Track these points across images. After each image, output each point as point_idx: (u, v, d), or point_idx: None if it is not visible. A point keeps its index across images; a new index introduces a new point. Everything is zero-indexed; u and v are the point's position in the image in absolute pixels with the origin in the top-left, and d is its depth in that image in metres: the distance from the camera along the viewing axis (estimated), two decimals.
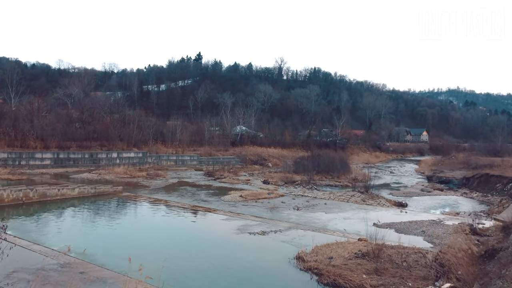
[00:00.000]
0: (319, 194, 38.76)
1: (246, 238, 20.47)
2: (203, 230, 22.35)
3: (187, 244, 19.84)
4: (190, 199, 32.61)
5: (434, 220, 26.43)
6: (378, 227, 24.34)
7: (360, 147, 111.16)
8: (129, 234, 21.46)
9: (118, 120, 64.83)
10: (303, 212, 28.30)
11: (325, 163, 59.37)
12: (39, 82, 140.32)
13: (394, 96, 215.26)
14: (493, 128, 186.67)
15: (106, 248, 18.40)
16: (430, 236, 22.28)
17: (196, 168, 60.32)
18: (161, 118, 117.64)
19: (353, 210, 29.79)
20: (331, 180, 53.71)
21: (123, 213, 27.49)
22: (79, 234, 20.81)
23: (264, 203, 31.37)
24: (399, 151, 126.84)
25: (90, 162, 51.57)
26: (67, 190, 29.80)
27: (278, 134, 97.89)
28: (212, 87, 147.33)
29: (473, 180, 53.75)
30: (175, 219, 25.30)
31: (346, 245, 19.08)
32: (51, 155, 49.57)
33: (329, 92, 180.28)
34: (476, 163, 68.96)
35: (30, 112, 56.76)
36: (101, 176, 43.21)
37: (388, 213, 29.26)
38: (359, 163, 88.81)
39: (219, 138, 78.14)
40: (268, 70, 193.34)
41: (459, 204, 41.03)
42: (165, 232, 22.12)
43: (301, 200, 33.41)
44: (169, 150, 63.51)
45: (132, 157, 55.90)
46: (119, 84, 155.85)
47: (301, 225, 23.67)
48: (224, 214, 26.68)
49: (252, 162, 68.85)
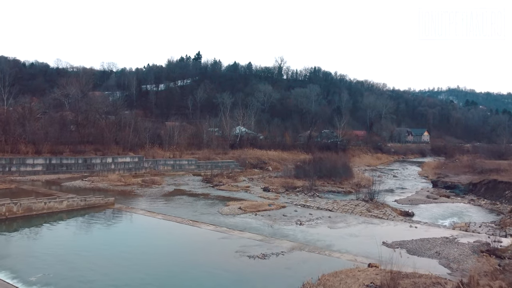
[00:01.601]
0: (322, 204, 36.93)
1: (245, 263, 18.63)
2: (198, 252, 20.42)
3: (179, 272, 17.94)
4: (186, 211, 30.73)
5: (447, 238, 24.60)
6: (388, 246, 22.57)
7: (361, 148, 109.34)
8: (113, 261, 19.08)
9: (114, 123, 62.85)
10: (306, 227, 26.46)
11: (327, 168, 57.55)
12: (36, 82, 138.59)
13: (395, 96, 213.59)
14: (494, 128, 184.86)
15: (81, 280, 16.41)
16: (446, 258, 20.45)
17: (194, 173, 58.47)
18: (160, 118, 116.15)
19: (360, 225, 27.96)
20: (334, 186, 51.93)
21: (111, 231, 25.20)
22: (54, 261, 18.62)
23: (264, 216, 29.54)
24: (401, 152, 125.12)
25: (83, 168, 49.65)
26: (55, 203, 27.94)
27: (278, 136, 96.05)
28: (211, 87, 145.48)
29: (480, 186, 51.94)
30: (168, 238, 23.38)
31: (356, 273, 17.25)
32: (43, 161, 47.61)
33: (329, 91, 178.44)
34: (482, 167, 67.18)
35: (22, 115, 54.77)
36: (94, 184, 41.32)
37: (396, 228, 27.43)
38: (361, 165, 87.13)
39: (218, 141, 76.25)
40: (268, 69, 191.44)
41: (468, 212, 39.29)
42: (154, 256, 19.86)
43: (304, 212, 31.56)
44: (166, 154, 61.63)
45: (127, 162, 53.97)
46: (117, 84, 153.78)
47: (305, 245, 21.84)
48: (222, 230, 24.83)
49: (251, 165, 67.01)
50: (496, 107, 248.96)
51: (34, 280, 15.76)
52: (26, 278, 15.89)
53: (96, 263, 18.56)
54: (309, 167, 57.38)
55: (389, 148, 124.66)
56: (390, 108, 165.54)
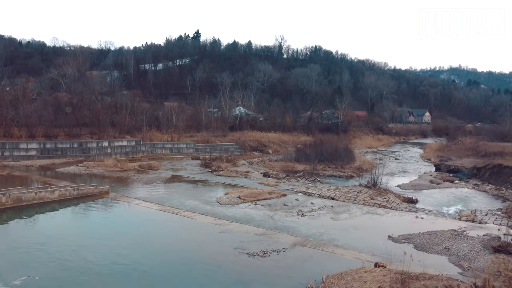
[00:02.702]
0: (324, 191, 35.87)
1: (245, 262, 17.57)
2: (196, 249, 19.32)
3: (173, 272, 16.85)
4: (183, 200, 29.61)
5: (456, 231, 23.54)
6: (395, 241, 21.55)
7: (362, 130, 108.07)
8: (102, 258, 17.87)
9: (110, 105, 61.27)
10: (308, 219, 25.40)
11: (328, 152, 56.35)
12: (33, 61, 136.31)
13: (396, 75, 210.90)
14: (496, 108, 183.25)
15: (69, 281, 15.42)
16: (456, 255, 19.42)
17: (193, 156, 57.28)
18: (159, 99, 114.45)
19: (363, 215, 26.91)
20: (335, 170, 50.83)
21: (104, 224, 23.86)
22: (43, 258, 17.51)
23: (265, 205, 28.45)
24: (402, 133, 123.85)
25: (79, 152, 48.41)
26: (46, 192, 26.80)
27: (278, 117, 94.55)
28: (210, 67, 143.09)
29: (484, 171, 50.84)
30: (163, 232, 22.20)
31: (362, 274, 16.19)
32: (37, 145, 46.33)
33: (330, 71, 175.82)
34: (486, 150, 66.01)
35: (15, 97, 53.19)
36: (89, 170, 40.13)
37: (402, 219, 26.37)
38: (362, 147, 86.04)
39: (217, 123, 74.79)
40: (268, 48, 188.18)
41: (472, 199, 38.35)
42: (147, 252, 18.75)
43: (305, 201, 30.49)
44: (164, 137, 60.26)
45: (124, 145, 52.70)
46: (115, 63, 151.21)
47: (307, 241, 20.78)
48: (221, 223, 23.77)
49: (251, 148, 65.81)
50: (498, 86, 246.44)
51: (18, 284, 14.68)
52: (8, 281, 14.81)
53: (88, 259, 17.56)
54: (310, 150, 56.20)
55: (390, 129, 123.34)
56: (391, 88, 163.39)
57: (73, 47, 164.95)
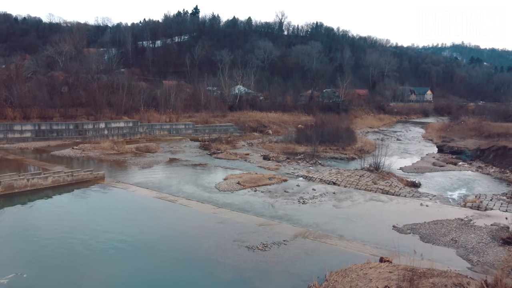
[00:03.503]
0: (325, 175, 35.07)
1: (244, 257, 16.79)
2: (193, 242, 18.50)
3: (169, 269, 16.02)
4: (181, 186, 28.77)
5: (462, 220, 22.77)
6: (400, 232, 20.78)
7: (363, 109, 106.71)
8: (93, 251, 17.24)
9: (107, 85, 59.78)
10: (309, 207, 24.60)
11: (329, 133, 55.31)
12: (29, 38, 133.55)
13: (398, 52, 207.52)
14: (498, 86, 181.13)
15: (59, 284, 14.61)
16: (464, 247, 18.66)
17: (192, 137, 56.30)
18: (157, 77, 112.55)
19: (367, 203, 26.10)
20: (336, 152, 49.98)
21: (98, 213, 22.78)
22: (34, 253, 16.90)
23: (265, 192, 27.62)
24: (403, 112, 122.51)
25: (75, 134, 47.37)
26: (39, 179, 25.90)
27: (278, 96, 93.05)
28: (209, 44, 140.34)
29: (488, 153, 49.95)
30: (159, 223, 21.23)
31: (368, 271, 15.42)
32: (32, 127, 45.26)
33: (331, 48, 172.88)
34: (489, 130, 65.04)
35: (8, 77, 51.71)
36: (85, 153, 39.15)
37: (406, 207, 25.56)
38: (363, 127, 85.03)
39: (216, 103, 73.40)
40: (268, 25, 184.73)
41: (476, 182, 37.63)
42: (140, 248, 17.83)
43: (306, 187, 29.64)
44: (162, 118, 59.07)
45: (121, 127, 51.57)
46: (112, 40, 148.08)
47: (309, 232, 19.99)
48: (220, 212, 22.97)
49: (251, 129, 64.75)
50: (501, 64, 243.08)
51: (5, 283, 13.91)
52: None
53: (81, 252, 16.83)
54: (311, 132, 55.18)
55: (392, 108, 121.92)
56: (393, 65, 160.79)
57: (70, 24, 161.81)
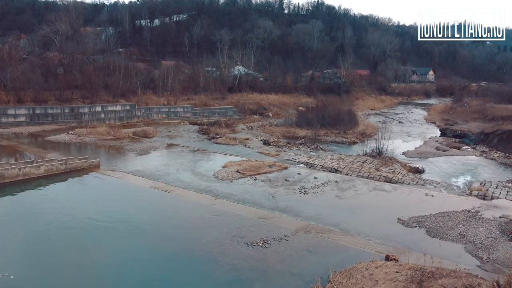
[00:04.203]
0: (327, 161, 34.26)
1: (243, 254, 16.02)
2: (190, 238, 17.72)
3: (162, 269, 15.17)
4: (179, 174, 27.92)
5: (469, 211, 22.01)
6: (405, 225, 20.02)
7: (365, 90, 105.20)
8: (82, 251, 16.47)
9: (103, 66, 58.30)
10: (311, 197, 23.80)
11: (330, 116, 54.25)
12: (24, 17, 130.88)
13: (400, 32, 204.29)
14: (501, 66, 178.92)
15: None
16: (473, 243, 17.92)
17: (190, 121, 55.22)
18: (156, 56, 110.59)
19: (370, 192, 25.28)
20: (337, 136, 49.07)
21: (89, 206, 21.37)
22: (25, 250, 16.18)
23: (265, 180, 26.80)
24: (405, 93, 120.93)
25: (71, 118, 46.29)
26: (31, 168, 25.01)
27: (279, 77, 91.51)
28: (208, 23, 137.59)
29: (492, 137, 49.00)
30: (154, 217, 20.27)
31: (373, 271, 14.67)
32: (26, 111, 44.13)
33: (332, 27, 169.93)
34: (493, 113, 63.89)
35: (1, 59, 50.28)
36: (80, 138, 38.17)
37: (411, 197, 24.75)
38: (364, 109, 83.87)
39: (215, 84, 72.00)
40: (268, 3, 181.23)
41: (480, 168, 36.87)
42: (135, 241, 17.18)
43: (308, 175, 28.81)
44: (160, 101, 57.83)
45: (118, 110, 50.42)
46: (109, 19, 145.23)
47: (311, 226, 19.20)
48: (218, 204, 22.18)
49: (251, 112, 63.62)
50: (505, 43, 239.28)
51: None
52: None
53: (70, 247, 16.05)
54: (312, 115, 54.12)
55: (393, 89, 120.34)
56: (395, 45, 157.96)
57: (66, 2, 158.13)
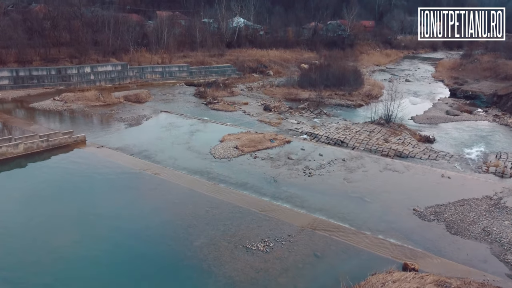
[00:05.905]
0: (332, 130, 32.01)
1: (241, 263, 14.05)
2: (180, 239, 15.64)
3: (146, 280, 13.44)
4: (171, 152, 25.59)
5: (491, 198, 19.98)
6: (422, 218, 18.02)
7: (369, 44, 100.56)
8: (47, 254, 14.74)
9: (91, 22, 54.26)
10: (317, 179, 21.67)
11: (335, 76, 51.16)
12: None
13: None
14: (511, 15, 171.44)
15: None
16: (499, 243, 15.97)
17: (186, 81, 52.15)
18: (150, 6, 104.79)
19: (381, 173, 23.07)
20: (342, 98, 46.44)
21: (71, 198, 19.15)
22: None
23: (266, 158, 24.54)
24: (411, 47, 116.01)
25: (58, 80, 43.22)
26: (7, 147, 22.68)
27: (280, 30, 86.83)
28: None
29: (506, 99, 46.29)
30: (140, 211, 17.98)
31: (391, 286, 12.78)
32: (9, 73, 40.99)
33: None
34: (506, 71, 60.67)
35: None
36: (67, 106, 35.42)
37: (426, 179, 22.55)
38: (369, 65, 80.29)
39: (213, 40, 67.92)
40: None
41: (494, 135, 34.75)
42: (113, 247, 15.27)
43: (312, 152, 26.52)
44: (154, 59, 54.30)
45: (109, 71, 47.19)
46: None
47: (317, 222, 17.13)
48: (214, 191, 20.07)
49: (250, 70, 60.28)
50: None
51: None
52: None
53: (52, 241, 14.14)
54: (315, 75, 51.00)
55: (399, 42, 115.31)
56: None
57: None
